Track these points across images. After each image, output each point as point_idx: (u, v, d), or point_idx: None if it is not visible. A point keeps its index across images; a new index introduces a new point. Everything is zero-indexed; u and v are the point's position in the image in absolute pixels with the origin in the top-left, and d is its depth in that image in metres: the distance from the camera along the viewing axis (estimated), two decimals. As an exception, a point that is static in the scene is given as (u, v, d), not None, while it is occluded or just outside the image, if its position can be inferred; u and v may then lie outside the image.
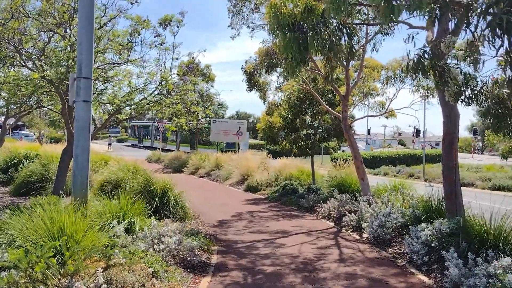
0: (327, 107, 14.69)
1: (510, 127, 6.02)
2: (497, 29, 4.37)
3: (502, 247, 6.48)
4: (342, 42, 8.19)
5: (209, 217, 11.68)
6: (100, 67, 10.58)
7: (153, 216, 8.45)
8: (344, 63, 12.42)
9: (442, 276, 6.62)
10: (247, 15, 14.53)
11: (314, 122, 16.85)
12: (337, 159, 16.81)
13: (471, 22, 4.57)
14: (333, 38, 7.89)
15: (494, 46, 4.80)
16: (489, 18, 4.40)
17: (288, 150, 18.60)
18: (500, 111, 6.24)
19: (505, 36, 4.53)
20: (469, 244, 6.71)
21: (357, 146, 13.47)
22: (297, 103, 16.17)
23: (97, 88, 10.80)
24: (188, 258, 6.91)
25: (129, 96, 10.62)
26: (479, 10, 4.44)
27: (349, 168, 15.03)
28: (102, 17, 10.30)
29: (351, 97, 15.64)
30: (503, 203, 7.11)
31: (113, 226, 7.04)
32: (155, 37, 10.72)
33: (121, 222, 7.32)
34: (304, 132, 17.26)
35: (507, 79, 5.27)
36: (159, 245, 6.82)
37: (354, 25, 10.98)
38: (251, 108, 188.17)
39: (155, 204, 9.50)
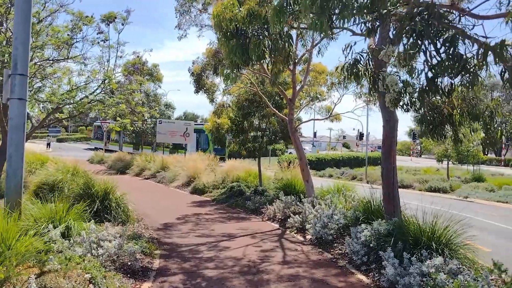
0: (274, 109, 14.86)
1: (443, 133, 6.37)
2: (415, 38, 4.61)
3: (434, 247, 6.84)
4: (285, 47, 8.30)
5: (153, 220, 11.44)
6: (38, 64, 10.07)
7: (93, 220, 8.15)
8: (291, 67, 12.61)
9: (379, 275, 6.86)
10: (195, 15, 14.39)
11: (262, 124, 16.97)
12: (283, 161, 17.06)
13: (403, 36, 4.81)
14: (274, 45, 7.99)
15: (409, 55, 5.06)
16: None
17: (236, 152, 18.61)
18: (434, 118, 6.60)
19: (422, 47, 4.79)
20: (405, 244, 7.01)
21: (303, 148, 13.72)
22: (245, 105, 16.20)
23: (33, 86, 10.27)
24: (129, 263, 6.72)
25: (69, 94, 10.17)
26: (406, 25, 4.67)
27: (295, 170, 15.28)
28: (41, 11, 9.81)
29: (298, 100, 15.92)
30: (438, 204, 7.51)
31: (49, 231, 6.72)
32: (98, 34, 10.36)
33: (58, 227, 7.00)
34: (252, 134, 17.34)
35: (420, 87, 5.56)
36: (97, 250, 6.58)
37: (300, 29, 11.20)
38: (199, 109, 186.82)
39: (95, 208, 9.16)
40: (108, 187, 10.05)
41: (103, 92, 10.66)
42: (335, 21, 5.64)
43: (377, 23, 5.25)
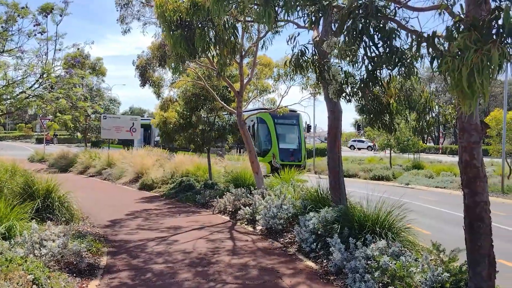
0: (222, 103, 14.83)
1: (383, 121, 6.64)
2: (354, 35, 4.77)
3: (378, 231, 7.15)
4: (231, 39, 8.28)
5: (100, 218, 11.12)
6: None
7: (34, 220, 7.80)
8: (238, 60, 12.62)
9: (327, 261, 7.07)
10: (138, 11, 13.98)
11: (210, 118, 16.86)
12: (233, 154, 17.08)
13: (344, 30, 4.93)
14: (219, 36, 7.97)
15: (350, 52, 5.23)
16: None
17: (185, 147, 18.38)
18: (374, 107, 6.86)
19: (362, 42, 4.96)
20: (351, 230, 7.28)
21: (252, 141, 13.81)
22: (192, 99, 16.01)
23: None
24: (75, 262, 6.50)
25: (6, 90, 9.61)
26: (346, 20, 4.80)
27: (245, 163, 15.35)
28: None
29: (247, 93, 15.98)
30: (381, 191, 7.84)
31: (-14, 233, 6.37)
32: (35, 26, 9.83)
33: (-4, 228, 6.65)
34: (200, 127, 17.19)
35: (359, 80, 5.76)
36: (40, 250, 6.33)
37: (246, 22, 11.22)
38: (146, 103, 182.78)
39: (36, 207, 8.77)
40: (50, 186, 9.64)
41: (41, 87, 10.16)
42: (279, 13, 5.70)
43: (320, 15, 5.36)
